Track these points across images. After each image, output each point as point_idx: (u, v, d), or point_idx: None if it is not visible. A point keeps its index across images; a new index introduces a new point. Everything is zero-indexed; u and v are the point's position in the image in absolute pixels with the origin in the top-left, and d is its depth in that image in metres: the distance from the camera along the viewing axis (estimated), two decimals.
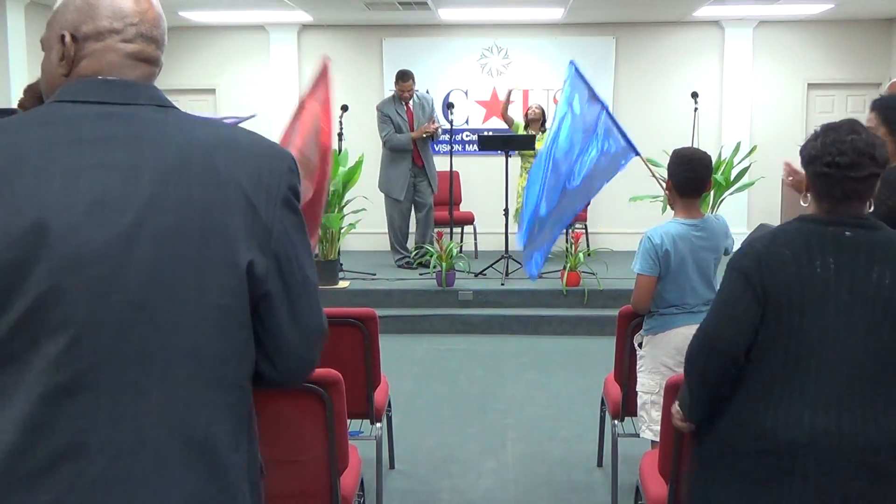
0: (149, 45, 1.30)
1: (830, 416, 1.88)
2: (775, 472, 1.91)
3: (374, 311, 3.47)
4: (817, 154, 1.95)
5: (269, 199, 1.27)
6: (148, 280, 1.19)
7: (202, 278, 1.22)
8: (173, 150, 1.23)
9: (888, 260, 1.90)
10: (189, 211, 1.21)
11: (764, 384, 1.93)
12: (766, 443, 1.91)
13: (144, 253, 1.18)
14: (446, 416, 4.79)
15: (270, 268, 1.27)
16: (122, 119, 1.23)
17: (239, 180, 1.24)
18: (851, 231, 1.93)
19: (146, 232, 1.18)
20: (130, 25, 1.27)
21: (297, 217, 1.31)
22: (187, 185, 1.21)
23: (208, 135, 1.27)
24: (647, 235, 3.15)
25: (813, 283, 1.89)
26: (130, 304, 1.18)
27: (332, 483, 2.54)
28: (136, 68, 1.28)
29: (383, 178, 7.78)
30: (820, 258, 1.91)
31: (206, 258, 1.21)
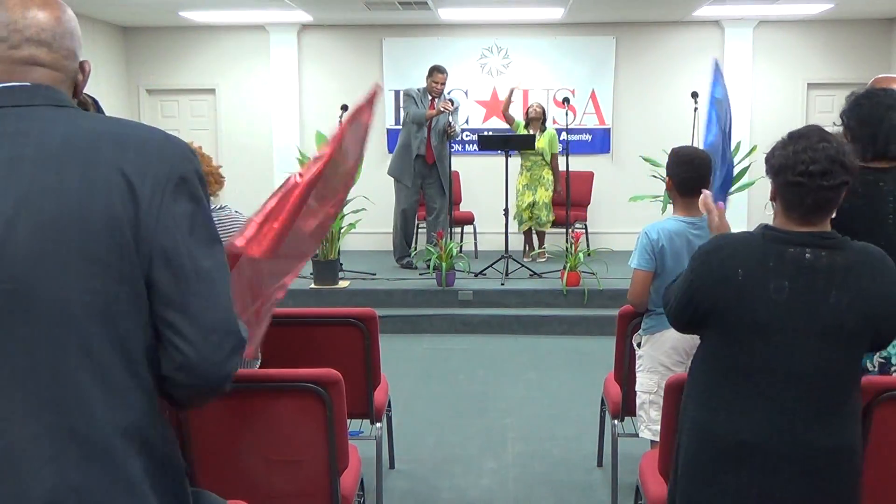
0: (38, 48, 1.30)
1: (779, 421, 1.93)
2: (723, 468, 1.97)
3: (374, 311, 3.47)
4: (788, 163, 1.92)
5: (155, 186, 1.25)
6: (28, 268, 1.20)
7: (84, 265, 1.21)
8: (57, 141, 1.24)
9: (846, 285, 1.90)
10: (69, 198, 1.21)
11: (715, 391, 2.00)
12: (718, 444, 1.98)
13: (24, 241, 1.19)
14: (446, 416, 4.79)
15: (156, 256, 1.25)
16: (13, 117, 1.26)
17: (122, 168, 1.24)
18: (812, 252, 1.91)
19: (25, 220, 1.20)
20: (15, 32, 1.30)
21: (190, 206, 1.28)
22: (68, 173, 1.22)
23: (97, 127, 1.28)
24: (645, 231, 3.16)
25: (766, 306, 1.91)
26: (11, 293, 1.19)
27: (332, 483, 2.54)
28: (30, 72, 1.30)
29: (394, 160, 7.65)
30: (775, 281, 1.90)
31: (87, 245, 1.21)
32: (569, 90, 8.97)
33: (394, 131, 9.32)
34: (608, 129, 9.43)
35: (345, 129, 2.41)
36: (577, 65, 9.33)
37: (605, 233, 8.97)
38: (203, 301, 1.28)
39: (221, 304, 1.31)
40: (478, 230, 8.71)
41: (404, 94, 7.67)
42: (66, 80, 1.34)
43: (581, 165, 8.75)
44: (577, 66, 9.32)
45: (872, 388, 2.27)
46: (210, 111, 9.61)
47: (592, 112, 9.39)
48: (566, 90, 8.94)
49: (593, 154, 9.37)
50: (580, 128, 9.32)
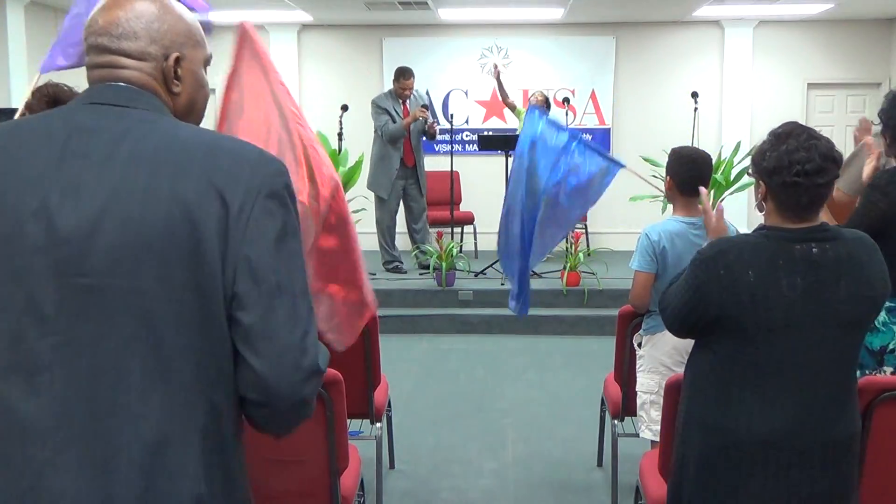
0: (98, 55, 1.33)
1: (803, 416, 1.93)
2: (747, 470, 1.96)
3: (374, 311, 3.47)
4: (782, 164, 1.92)
5: (246, 198, 1.23)
6: (110, 266, 1.20)
7: (165, 269, 1.20)
8: (152, 145, 1.25)
9: (851, 273, 1.92)
10: (156, 203, 1.21)
11: (730, 391, 1.98)
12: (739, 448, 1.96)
13: (108, 239, 1.20)
14: (446, 416, 4.78)
15: (241, 268, 1.23)
16: (113, 116, 1.28)
17: (213, 177, 1.23)
18: (818, 246, 1.92)
19: (112, 218, 1.20)
20: (89, 36, 1.34)
21: (278, 221, 1.26)
22: (158, 178, 1.22)
23: (192, 135, 1.29)
24: (645, 232, 3.15)
25: (780, 304, 1.90)
26: (90, 289, 1.20)
27: (332, 483, 2.54)
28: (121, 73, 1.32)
29: (371, 173, 7.55)
30: (787, 278, 1.90)
31: (170, 249, 1.20)
32: (569, 90, 8.98)
33: None
34: (608, 129, 9.43)
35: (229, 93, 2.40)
36: (576, 65, 9.33)
37: (605, 233, 8.97)
38: (282, 318, 1.24)
39: (301, 324, 1.27)
40: (478, 230, 8.71)
41: (375, 105, 7.47)
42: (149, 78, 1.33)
43: None
44: (576, 66, 9.33)
45: (872, 388, 2.27)
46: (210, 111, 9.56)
47: (592, 112, 9.40)
48: (566, 90, 8.94)
49: None
50: (580, 128, 9.30)
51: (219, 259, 1.22)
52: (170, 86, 1.36)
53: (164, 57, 1.35)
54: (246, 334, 1.24)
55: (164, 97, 1.35)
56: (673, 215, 3.22)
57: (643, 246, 3.13)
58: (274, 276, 1.24)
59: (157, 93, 1.34)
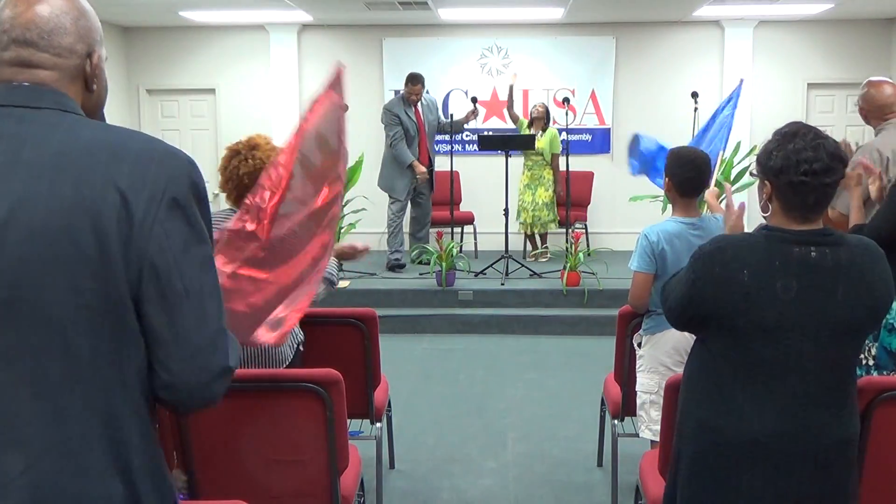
0: (24, 48, 1.27)
1: (793, 417, 1.93)
2: (736, 469, 1.96)
3: (374, 311, 3.47)
4: (789, 163, 1.91)
5: (150, 202, 1.21)
6: (16, 277, 1.18)
7: (71, 277, 1.19)
8: (54, 149, 1.22)
9: (851, 279, 1.91)
10: (60, 209, 1.19)
11: (721, 389, 1.98)
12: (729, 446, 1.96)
13: (13, 249, 1.18)
14: (446, 416, 4.79)
15: (146, 273, 1.22)
16: (13, 119, 1.24)
17: (117, 181, 1.21)
18: (817, 250, 1.91)
19: (15, 228, 1.18)
20: (2, 33, 1.28)
21: (184, 224, 1.25)
22: (61, 183, 1.20)
23: (96, 136, 1.25)
24: (644, 233, 3.15)
25: (773, 306, 1.90)
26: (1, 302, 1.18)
27: (332, 483, 2.54)
28: (21, 73, 1.28)
29: (385, 175, 7.67)
30: (782, 280, 1.89)
31: (75, 257, 1.19)
32: (569, 90, 8.97)
33: None
34: (608, 129, 9.42)
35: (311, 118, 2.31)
36: (577, 65, 9.33)
37: (605, 233, 8.97)
38: (190, 322, 1.25)
39: (210, 326, 1.28)
40: (478, 230, 8.71)
41: (388, 112, 7.57)
42: (66, 76, 1.30)
43: (581, 165, 8.75)
44: (577, 66, 9.32)
45: (872, 388, 2.27)
46: (210, 111, 9.61)
47: (592, 112, 9.39)
48: (566, 90, 8.94)
49: (593, 154, 9.37)
50: (580, 128, 9.32)
51: (124, 264, 1.21)
52: (90, 84, 1.34)
53: (87, 55, 1.33)
54: (155, 339, 1.25)
55: (75, 95, 1.31)
56: (672, 216, 3.22)
57: (642, 247, 3.14)
58: (180, 281, 1.24)
59: (67, 91, 1.30)
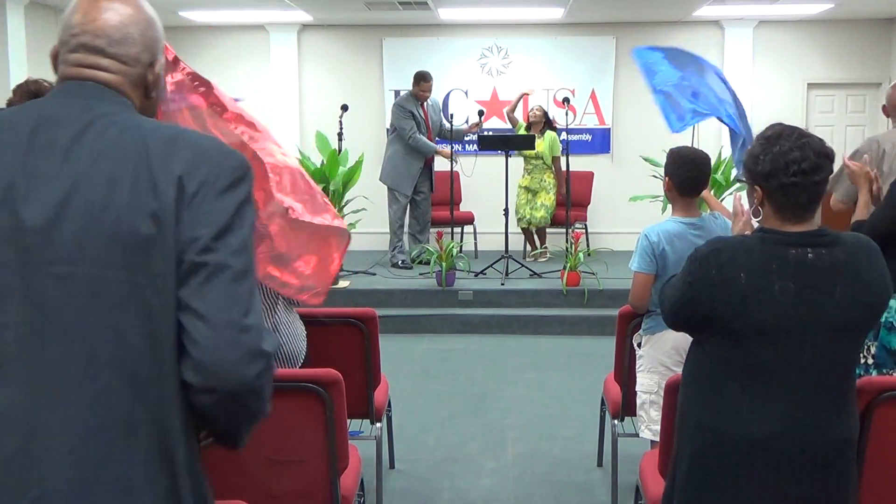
0: (90, 54, 1.34)
1: (791, 418, 1.93)
2: (735, 470, 1.95)
3: (374, 311, 3.47)
4: (778, 166, 1.91)
5: (202, 185, 1.26)
6: (75, 254, 1.22)
7: (127, 257, 1.23)
8: (113, 134, 1.28)
9: (848, 279, 1.91)
10: (119, 190, 1.24)
11: (720, 390, 1.98)
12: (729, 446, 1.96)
13: (73, 227, 1.22)
14: (446, 416, 4.79)
15: (189, 250, 1.24)
16: (79, 106, 1.30)
17: (173, 165, 1.26)
18: (814, 251, 1.91)
19: (76, 207, 1.23)
20: (72, 37, 1.35)
21: (230, 208, 1.28)
22: (121, 165, 1.25)
23: (154, 127, 1.32)
24: (645, 233, 3.15)
25: (771, 308, 1.89)
26: (58, 277, 1.22)
27: (332, 483, 2.54)
28: (90, 76, 1.34)
29: (391, 172, 7.69)
30: (780, 282, 1.89)
31: (131, 237, 1.23)
32: (569, 90, 8.97)
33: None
34: (608, 129, 9.43)
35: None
36: (576, 65, 9.33)
37: (605, 233, 8.97)
38: (223, 296, 1.25)
39: (241, 305, 1.27)
40: (478, 230, 8.72)
41: (400, 108, 7.61)
42: (129, 83, 1.37)
43: (581, 165, 8.75)
44: (576, 66, 9.33)
45: (872, 388, 2.27)
46: None
47: (592, 112, 9.40)
48: (566, 90, 8.94)
49: (593, 154, 9.37)
50: (580, 128, 9.32)
51: (174, 245, 1.24)
52: (150, 92, 1.41)
53: (150, 64, 1.39)
54: (184, 313, 1.25)
55: (133, 100, 1.38)
56: (672, 216, 3.22)
57: (642, 247, 3.14)
58: (214, 256, 1.25)
59: (128, 95, 1.36)
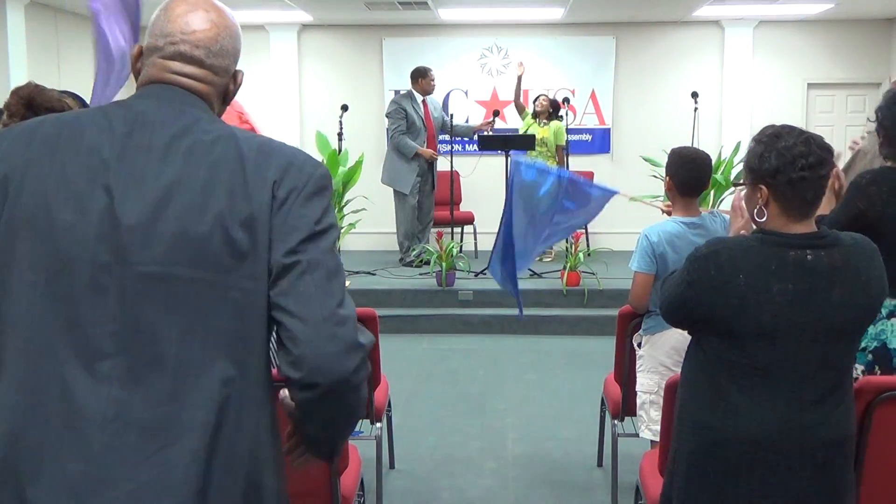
0: (188, 64, 1.37)
1: (789, 418, 1.93)
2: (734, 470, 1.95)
3: (374, 310, 3.47)
4: (786, 161, 1.91)
5: (292, 191, 1.31)
6: (171, 255, 1.24)
7: (219, 260, 1.25)
8: (209, 139, 1.31)
9: (847, 280, 1.91)
10: (215, 193, 1.26)
11: (718, 390, 1.98)
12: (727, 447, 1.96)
13: (170, 228, 1.25)
14: (446, 416, 4.78)
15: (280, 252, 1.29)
16: (173, 112, 1.33)
17: (266, 172, 1.30)
18: (813, 253, 1.91)
19: (173, 209, 1.25)
20: (170, 45, 1.37)
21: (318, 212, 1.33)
22: (218, 168, 1.28)
23: (245, 135, 1.35)
24: (645, 234, 3.15)
25: (770, 309, 1.89)
26: (152, 277, 1.24)
27: (332, 483, 2.54)
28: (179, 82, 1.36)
29: (389, 172, 7.70)
30: (778, 284, 1.89)
31: (225, 241, 1.26)
32: (569, 90, 8.97)
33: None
34: (608, 129, 9.43)
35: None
36: (577, 65, 9.33)
37: (605, 233, 8.96)
38: (318, 292, 1.29)
39: (335, 296, 1.30)
40: (478, 230, 8.71)
41: (395, 106, 7.61)
42: (215, 92, 1.41)
43: (581, 165, 8.73)
44: (577, 65, 9.33)
45: (872, 388, 2.27)
46: None
47: (592, 112, 9.40)
48: (566, 90, 8.94)
49: (593, 154, 9.37)
50: (580, 128, 9.32)
51: (266, 248, 1.28)
52: (228, 98, 1.45)
53: (233, 73, 1.44)
54: (284, 312, 1.29)
55: (215, 108, 1.41)
56: (672, 216, 3.22)
57: (642, 247, 3.14)
58: (305, 256, 1.29)
59: (211, 104, 1.40)
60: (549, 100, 8.06)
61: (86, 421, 1.21)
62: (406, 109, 7.54)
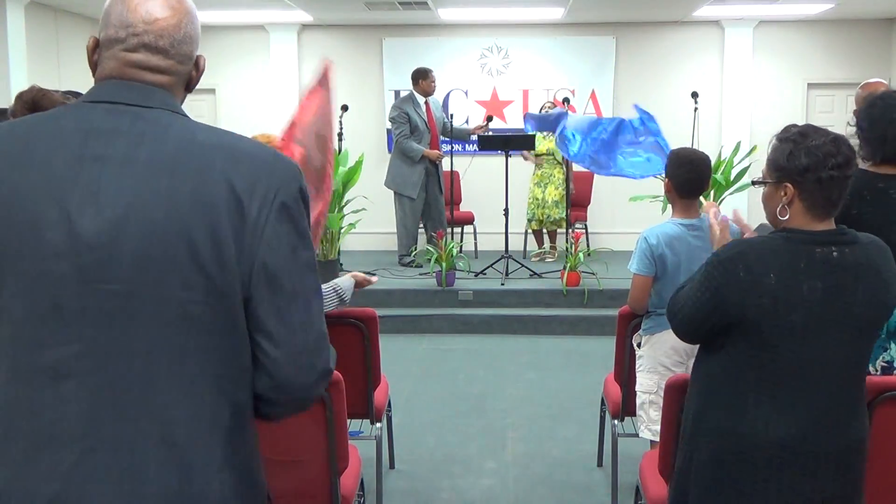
0: (153, 55, 1.30)
1: (818, 419, 1.92)
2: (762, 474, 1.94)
3: (374, 311, 3.48)
4: (816, 160, 1.89)
5: (263, 204, 1.24)
6: (133, 272, 1.19)
7: (187, 275, 1.20)
8: (171, 147, 1.24)
9: (869, 278, 1.91)
10: (178, 206, 1.21)
11: (745, 395, 1.95)
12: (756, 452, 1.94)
13: (133, 245, 1.19)
14: (446, 416, 4.78)
15: (257, 275, 1.24)
16: (129, 116, 1.26)
17: (232, 182, 1.23)
18: (838, 249, 1.90)
19: (136, 224, 1.19)
20: (133, 35, 1.29)
21: (293, 227, 1.28)
22: (179, 181, 1.22)
23: (209, 138, 1.28)
24: (644, 235, 3.16)
25: (801, 307, 1.88)
26: (116, 295, 1.19)
27: (332, 483, 2.54)
28: (143, 75, 1.30)
29: (394, 175, 7.69)
30: (807, 281, 1.88)
31: (191, 255, 1.20)
32: (569, 90, 8.97)
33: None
34: None
35: (306, 114, 2.47)
36: (577, 64, 9.33)
37: (605, 233, 8.97)
38: (298, 323, 1.28)
39: (315, 328, 1.31)
40: (478, 230, 8.71)
41: (398, 111, 7.60)
42: (181, 81, 1.35)
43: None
44: (577, 65, 9.32)
45: (872, 387, 2.27)
46: (210, 111, 9.61)
47: (592, 112, 9.39)
48: (566, 90, 8.94)
49: None
50: None
51: (236, 263, 1.23)
52: (192, 86, 1.38)
53: (195, 60, 1.37)
54: (264, 339, 1.27)
55: (179, 96, 1.35)
56: (672, 217, 3.22)
57: (641, 249, 3.14)
58: (289, 281, 1.27)
59: (176, 93, 1.33)
60: (553, 106, 8.04)
61: (55, 441, 1.19)
62: (408, 113, 7.54)
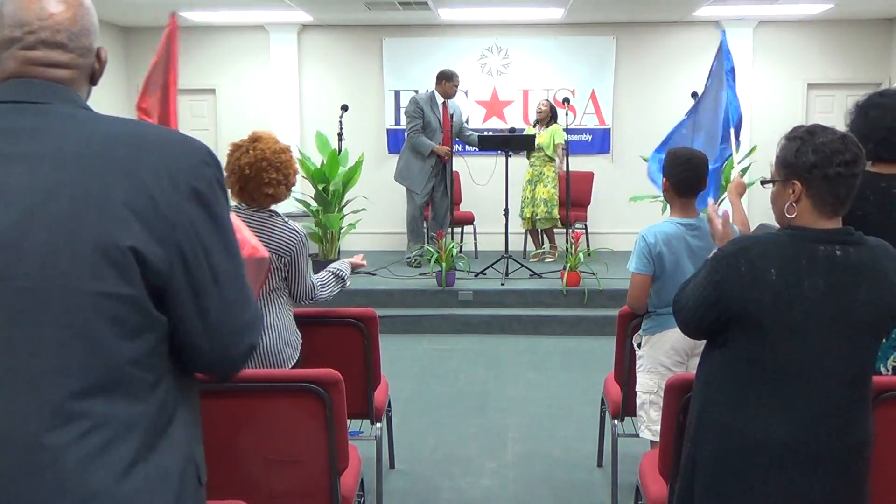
0: (52, 50, 1.30)
1: (817, 419, 1.92)
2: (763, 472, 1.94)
3: (374, 311, 3.47)
4: (824, 157, 1.89)
5: (174, 191, 1.24)
6: (42, 266, 1.19)
7: (96, 266, 1.20)
8: (75, 141, 1.24)
9: (874, 279, 1.91)
10: (84, 200, 1.20)
11: (746, 392, 1.96)
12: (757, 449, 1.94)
13: (39, 239, 1.19)
14: (446, 416, 4.79)
15: (174, 262, 1.24)
16: (31, 113, 1.26)
17: (138, 171, 1.23)
18: (842, 249, 1.90)
19: (42, 220, 1.19)
20: (29, 34, 1.29)
21: (208, 210, 1.28)
22: (85, 174, 1.21)
23: (114, 128, 1.28)
24: (642, 235, 3.16)
25: (801, 305, 1.89)
26: (25, 291, 1.19)
27: (332, 483, 2.54)
28: (45, 72, 1.30)
29: (402, 170, 7.69)
30: (808, 278, 1.88)
31: (100, 246, 1.20)
32: (569, 90, 8.97)
33: (393, 131, 9.33)
34: (608, 130, 9.43)
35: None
36: (577, 65, 9.33)
37: (605, 233, 8.97)
38: (220, 308, 1.30)
39: (237, 309, 1.33)
40: (478, 230, 8.72)
41: (414, 106, 7.61)
42: (83, 74, 1.35)
43: (581, 165, 8.75)
44: (577, 66, 9.33)
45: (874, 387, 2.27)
46: (210, 111, 9.61)
47: (592, 112, 9.40)
48: (566, 90, 8.94)
49: (593, 154, 9.38)
50: (580, 128, 9.32)
51: (149, 254, 1.22)
52: (96, 79, 1.38)
53: (97, 51, 1.37)
54: (185, 326, 1.28)
55: (83, 90, 1.35)
56: (670, 217, 3.22)
57: (640, 248, 3.14)
58: (208, 269, 1.28)
59: (79, 87, 1.33)
60: (548, 105, 8.04)
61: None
62: (423, 109, 7.56)
